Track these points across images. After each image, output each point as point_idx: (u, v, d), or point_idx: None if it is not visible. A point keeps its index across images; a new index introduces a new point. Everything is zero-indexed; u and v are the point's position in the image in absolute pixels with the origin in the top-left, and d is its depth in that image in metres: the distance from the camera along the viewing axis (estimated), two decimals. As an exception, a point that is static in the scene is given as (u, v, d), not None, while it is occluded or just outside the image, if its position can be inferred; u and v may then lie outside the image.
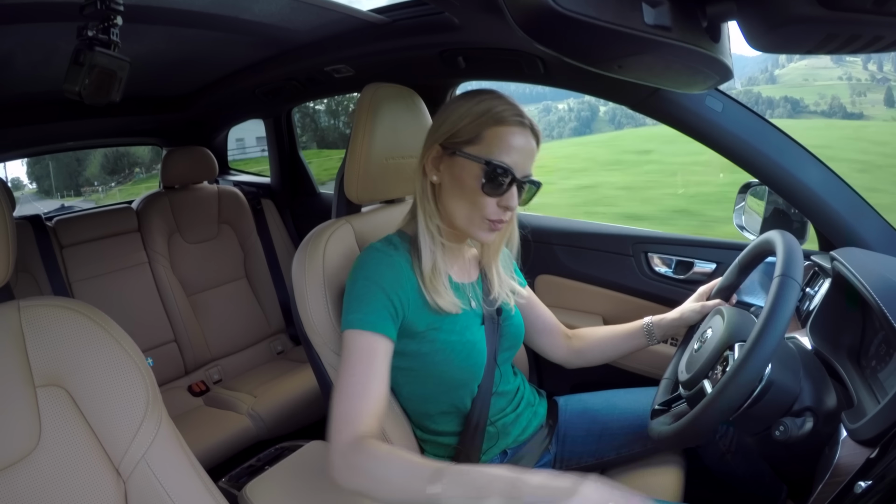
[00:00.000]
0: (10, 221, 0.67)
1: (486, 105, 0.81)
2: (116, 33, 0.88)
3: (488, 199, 0.81)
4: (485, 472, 0.63)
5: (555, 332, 1.10)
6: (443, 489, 0.62)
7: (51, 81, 1.37)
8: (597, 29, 0.49)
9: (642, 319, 1.05)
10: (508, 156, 0.80)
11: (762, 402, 0.72)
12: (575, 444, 1.07)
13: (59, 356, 0.68)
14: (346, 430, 0.72)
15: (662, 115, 1.05)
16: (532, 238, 1.44)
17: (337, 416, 0.74)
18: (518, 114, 0.82)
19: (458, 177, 0.83)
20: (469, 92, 0.86)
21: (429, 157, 0.86)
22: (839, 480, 0.65)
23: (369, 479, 0.68)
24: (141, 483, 0.70)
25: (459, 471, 0.64)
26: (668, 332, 1.03)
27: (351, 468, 0.69)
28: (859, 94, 14.48)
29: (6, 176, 7.52)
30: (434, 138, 0.86)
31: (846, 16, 0.44)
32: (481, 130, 0.81)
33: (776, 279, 0.71)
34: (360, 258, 0.86)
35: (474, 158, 0.81)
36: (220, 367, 1.95)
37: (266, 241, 2.15)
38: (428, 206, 0.86)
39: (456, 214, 0.85)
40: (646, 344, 1.04)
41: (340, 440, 0.71)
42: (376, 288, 0.81)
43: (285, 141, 2.20)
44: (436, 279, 0.85)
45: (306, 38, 1.33)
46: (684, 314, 1.01)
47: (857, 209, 0.99)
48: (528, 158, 0.83)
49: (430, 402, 0.92)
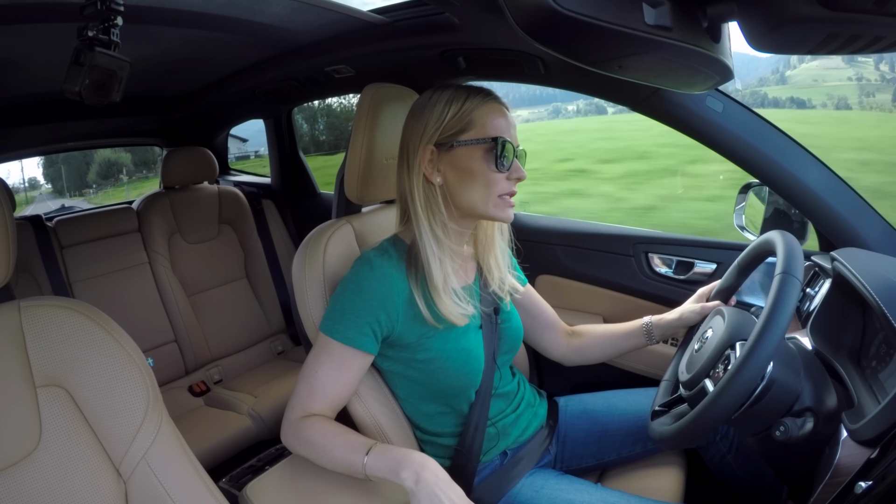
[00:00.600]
0: (10, 221, 0.67)
1: (461, 94, 0.85)
2: (116, 33, 0.87)
3: (499, 176, 0.84)
4: (403, 450, 0.77)
5: (556, 328, 1.10)
6: (367, 460, 0.76)
7: (51, 82, 1.37)
8: (597, 29, 0.49)
9: (642, 319, 1.05)
10: (503, 131, 0.84)
11: (764, 400, 0.72)
12: (575, 446, 1.07)
13: (60, 356, 0.68)
14: (299, 409, 0.84)
15: (663, 116, 1.05)
16: (532, 238, 1.44)
17: (294, 398, 0.85)
18: (489, 92, 0.86)
19: (464, 167, 0.84)
20: (431, 91, 0.87)
21: (423, 161, 0.84)
22: (839, 481, 0.65)
23: (312, 449, 0.82)
24: (141, 483, 0.70)
25: (384, 447, 0.78)
26: (667, 332, 1.03)
27: (298, 438, 0.83)
28: (868, 94, 14.36)
29: (23, 177, 7.73)
30: (423, 141, 0.84)
31: (847, 16, 0.44)
32: (470, 117, 0.83)
33: (777, 277, 0.71)
34: (354, 269, 0.86)
35: (477, 142, 0.83)
36: (220, 367, 1.95)
37: (266, 241, 2.15)
38: (435, 209, 0.85)
39: (472, 203, 0.85)
40: (644, 344, 1.04)
41: (292, 415, 0.84)
42: (363, 305, 0.82)
43: (285, 141, 2.20)
44: (446, 294, 0.84)
45: (307, 39, 1.32)
46: (684, 315, 1.01)
47: (858, 209, 0.99)
48: (513, 129, 0.87)
49: (427, 403, 0.92)
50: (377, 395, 0.93)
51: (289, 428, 0.84)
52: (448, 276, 0.85)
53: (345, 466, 0.79)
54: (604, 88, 1.11)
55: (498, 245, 0.97)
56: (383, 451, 0.77)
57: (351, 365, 0.84)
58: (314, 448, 0.81)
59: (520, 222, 1.51)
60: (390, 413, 0.93)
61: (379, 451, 0.77)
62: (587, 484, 0.93)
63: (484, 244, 0.96)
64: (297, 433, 0.82)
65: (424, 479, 0.71)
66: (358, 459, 0.76)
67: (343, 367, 0.84)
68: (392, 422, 0.93)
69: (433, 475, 0.72)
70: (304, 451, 0.83)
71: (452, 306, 0.85)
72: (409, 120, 0.88)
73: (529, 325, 1.08)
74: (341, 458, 0.79)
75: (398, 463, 0.74)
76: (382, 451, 0.77)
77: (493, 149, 0.83)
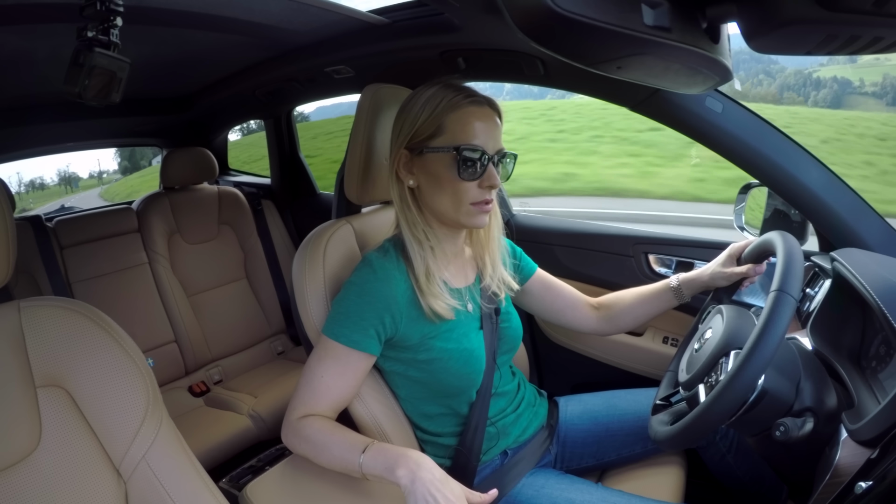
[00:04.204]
0: (10, 222, 0.67)
1: (439, 96, 0.82)
2: (116, 34, 0.87)
3: (468, 185, 0.82)
4: (400, 449, 0.77)
5: (579, 305, 1.09)
6: (363, 459, 0.76)
7: (51, 82, 1.37)
8: (596, 30, 0.49)
9: (668, 279, 1.04)
10: (475, 137, 0.81)
11: (756, 409, 0.72)
12: (575, 445, 1.07)
13: (60, 357, 0.68)
14: (301, 409, 0.84)
15: (662, 116, 1.05)
16: (532, 238, 1.44)
17: (296, 399, 0.85)
18: (470, 94, 0.83)
19: (434, 173, 0.83)
20: (419, 89, 0.85)
21: (399, 163, 0.85)
22: (839, 481, 0.65)
23: (311, 447, 0.82)
24: (141, 483, 0.70)
25: (380, 446, 0.78)
26: (697, 290, 1.02)
27: (298, 437, 0.83)
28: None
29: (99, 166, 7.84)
30: (398, 143, 0.85)
31: (846, 17, 0.44)
32: (440, 121, 0.81)
33: (772, 294, 0.70)
34: (357, 272, 0.86)
35: (442, 150, 0.81)
36: (220, 367, 1.95)
37: (266, 241, 2.15)
38: (409, 213, 0.86)
39: (443, 210, 0.85)
40: (675, 303, 1.04)
41: (293, 415, 0.84)
42: (367, 307, 0.82)
43: (285, 142, 2.20)
44: (430, 284, 0.85)
45: (306, 39, 1.32)
46: (714, 276, 1.00)
47: (858, 210, 0.99)
48: (493, 134, 0.83)
49: (428, 404, 0.92)
50: (378, 396, 0.93)
51: (289, 427, 0.84)
52: (430, 267, 0.85)
53: (342, 465, 0.79)
54: (603, 89, 1.11)
55: (493, 242, 0.96)
56: (380, 449, 0.77)
57: (355, 367, 0.84)
58: (313, 446, 0.81)
59: (520, 222, 1.51)
60: (391, 413, 0.93)
61: (375, 450, 0.77)
62: (588, 483, 0.93)
63: (479, 241, 0.97)
64: (298, 432, 0.83)
65: (420, 478, 0.71)
66: (354, 458, 0.77)
67: (347, 369, 0.84)
68: (393, 422, 0.93)
69: (429, 474, 0.72)
70: (303, 449, 0.83)
71: (435, 298, 0.84)
72: (395, 118, 0.88)
73: (551, 308, 1.08)
74: (339, 456, 0.79)
75: (394, 461, 0.74)
76: (379, 449, 0.77)
77: (458, 158, 0.81)
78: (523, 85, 1.26)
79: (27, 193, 13.18)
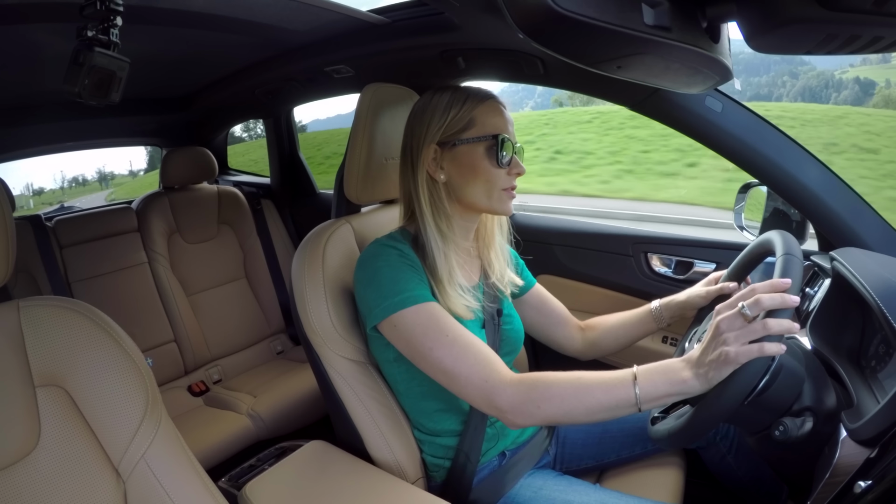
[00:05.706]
0: (9, 221, 0.67)
1: (462, 93, 0.88)
2: (116, 33, 0.87)
3: (500, 172, 0.87)
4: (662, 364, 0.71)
5: (569, 324, 1.10)
6: (640, 391, 0.69)
7: (51, 81, 1.37)
8: (596, 29, 0.49)
9: (649, 304, 1.05)
10: (502, 128, 0.87)
11: (773, 387, 0.71)
12: (574, 447, 1.07)
13: (59, 356, 0.68)
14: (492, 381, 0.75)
15: (662, 116, 1.05)
16: (531, 238, 1.44)
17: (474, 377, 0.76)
18: (488, 93, 0.90)
19: (468, 164, 0.86)
20: (431, 93, 0.89)
21: (427, 159, 0.87)
22: (839, 480, 0.65)
23: (562, 403, 0.73)
24: (140, 483, 0.70)
25: (645, 371, 0.71)
26: (675, 314, 1.03)
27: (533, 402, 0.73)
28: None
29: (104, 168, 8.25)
30: (426, 140, 0.87)
31: (846, 16, 0.44)
32: (471, 115, 0.86)
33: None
34: (371, 251, 0.86)
35: (479, 139, 0.86)
36: (219, 367, 1.95)
37: (266, 241, 2.15)
38: (441, 205, 0.88)
39: (474, 199, 0.88)
40: (656, 328, 1.04)
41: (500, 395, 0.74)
42: (405, 268, 0.83)
43: (285, 141, 2.20)
44: (451, 287, 0.86)
45: (306, 39, 1.32)
46: (691, 297, 1.00)
47: (857, 209, 0.99)
48: (511, 126, 0.90)
49: (428, 398, 0.92)
50: (376, 395, 0.93)
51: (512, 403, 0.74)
52: (453, 270, 0.87)
53: (610, 406, 0.71)
54: (603, 88, 1.11)
55: (497, 239, 0.99)
56: (647, 374, 0.71)
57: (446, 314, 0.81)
58: (564, 402, 0.73)
59: (519, 222, 1.51)
60: (389, 413, 0.93)
61: (644, 377, 0.70)
62: (586, 485, 0.93)
63: (484, 239, 0.99)
64: (529, 398, 0.73)
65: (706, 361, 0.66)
66: (628, 393, 0.70)
67: (447, 316, 0.81)
68: (391, 421, 0.93)
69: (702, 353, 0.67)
70: (551, 411, 0.73)
71: (457, 298, 0.86)
72: (411, 120, 0.90)
73: (543, 323, 1.09)
74: (605, 400, 0.71)
75: (673, 374, 0.69)
76: (646, 375, 0.71)
77: (494, 146, 0.85)
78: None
79: (70, 188, 13.53)
